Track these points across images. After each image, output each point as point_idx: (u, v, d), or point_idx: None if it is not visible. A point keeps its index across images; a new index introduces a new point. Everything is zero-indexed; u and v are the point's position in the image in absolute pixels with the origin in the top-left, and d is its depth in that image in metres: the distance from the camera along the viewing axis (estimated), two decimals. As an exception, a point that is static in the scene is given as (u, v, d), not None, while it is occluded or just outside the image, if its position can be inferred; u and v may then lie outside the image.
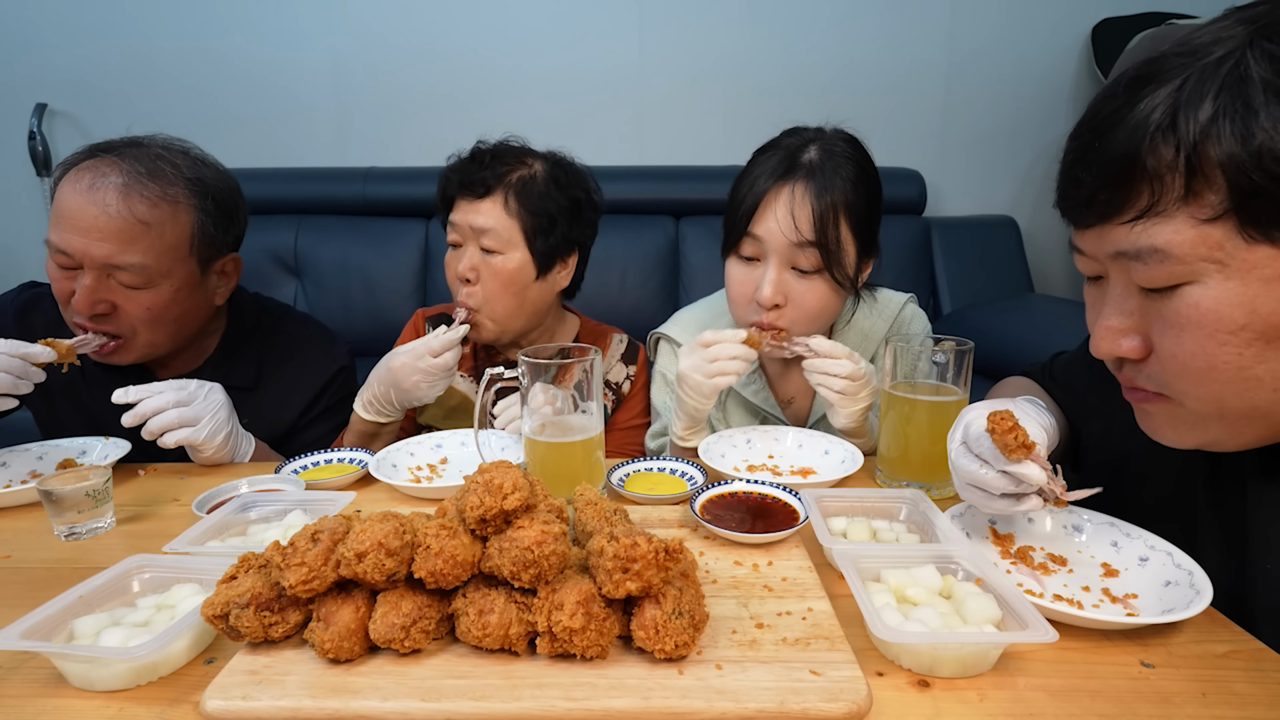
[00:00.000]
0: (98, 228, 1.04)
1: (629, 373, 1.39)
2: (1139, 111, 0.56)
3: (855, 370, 1.00)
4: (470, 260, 1.20)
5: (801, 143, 1.07)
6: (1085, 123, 0.62)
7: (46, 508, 0.84)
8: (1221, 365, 0.58)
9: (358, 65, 2.69)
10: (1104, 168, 0.59)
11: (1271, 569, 0.66)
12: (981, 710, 0.54)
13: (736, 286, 1.11)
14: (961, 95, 2.75)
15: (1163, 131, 0.54)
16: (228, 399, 1.08)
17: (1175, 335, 0.59)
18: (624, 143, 2.79)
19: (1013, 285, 2.55)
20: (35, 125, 2.61)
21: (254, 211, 1.28)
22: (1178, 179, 0.54)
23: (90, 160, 1.08)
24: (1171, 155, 0.54)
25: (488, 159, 1.20)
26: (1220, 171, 0.52)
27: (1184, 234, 0.55)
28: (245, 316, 1.31)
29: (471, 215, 1.19)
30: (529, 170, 1.21)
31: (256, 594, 0.56)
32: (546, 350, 0.86)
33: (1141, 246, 0.57)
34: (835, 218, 1.03)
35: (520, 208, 1.19)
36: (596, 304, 2.49)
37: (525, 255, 1.21)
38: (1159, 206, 0.56)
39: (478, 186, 1.18)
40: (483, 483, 0.58)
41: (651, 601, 0.56)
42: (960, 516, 0.80)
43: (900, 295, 1.29)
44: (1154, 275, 0.58)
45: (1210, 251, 0.55)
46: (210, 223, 1.15)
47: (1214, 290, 0.56)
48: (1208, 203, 0.54)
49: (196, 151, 1.18)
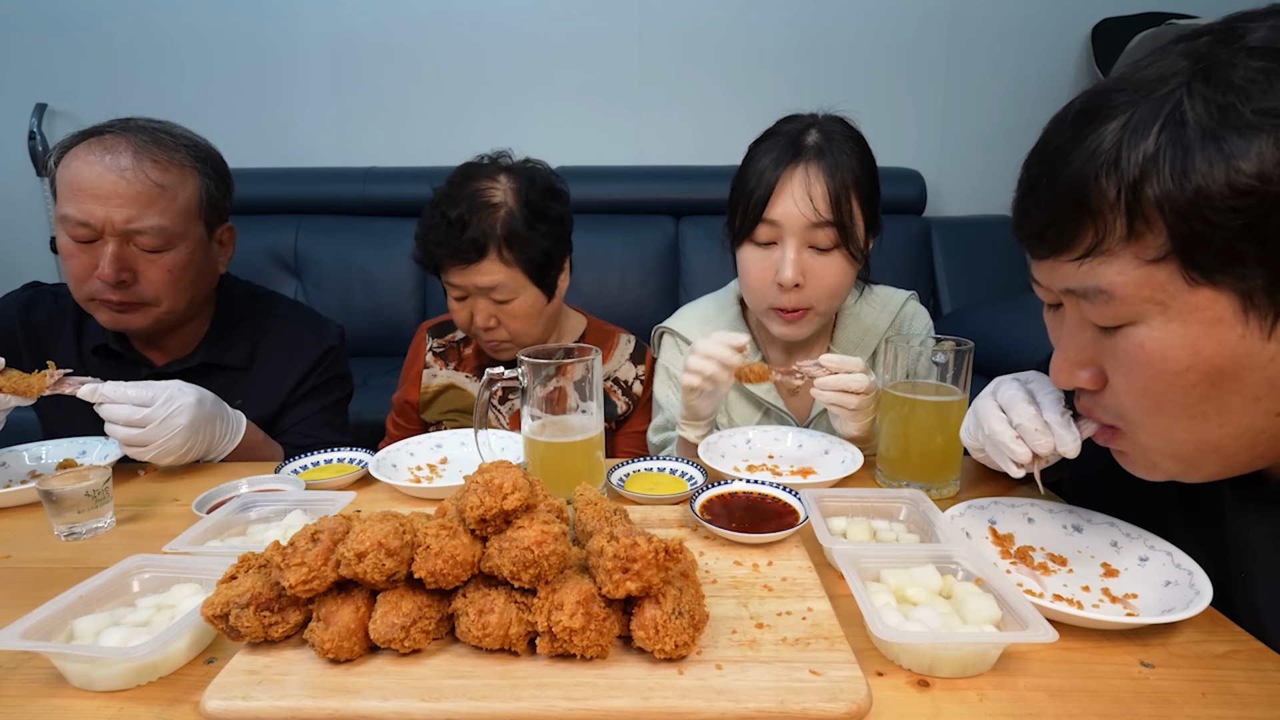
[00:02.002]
0: (118, 193, 1.08)
1: (638, 372, 1.40)
2: (1086, 147, 0.56)
3: (870, 384, 0.99)
4: (486, 312, 1.25)
5: (801, 127, 1.10)
6: (1035, 154, 0.62)
7: (46, 508, 0.84)
8: (1169, 404, 0.58)
9: (358, 65, 2.69)
10: (1051, 203, 0.59)
11: (1246, 577, 0.66)
12: (981, 710, 0.54)
13: (754, 272, 1.12)
14: (962, 95, 2.75)
15: (1107, 169, 0.54)
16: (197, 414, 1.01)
17: (1125, 373, 0.60)
18: (624, 143, 2.79)
19: (1013, 285, 2.55)
20: (35, 125, 2.61)
21: (254, 211, 1.28)
22: (1119, 220, 0.54)
23: (93, 138, 1.12)
24: (1114, 194, 0.54)
25: (467, 219, 1.19)
26: (1159, 212, 0.52)
27: (1128, 275, 0.55)
28: (235, 300, 1.32)
29: (473, 278, 1.21)
30: (506, 210, 1.20)
31: (256, 594, 0.56)
32: (548, 350, 0.86)
33: (1089, 286, 0.58)
34: (848, 194, 1.06)
35: (515, 256, 1.21)
36: (597, 304, 2.49)
37: (534, 292, 1.25)
38: (1104, 245, 0.56)
39: (469, 253, 1.19)
40: (483, 483, 0.58)
41: (651, 601, 0.56)
42: (960, 516, 0.80)
43: (902, 292, 1.30)
44: (1101, 314, 0.59)
45: (1153, 293, 0.55)
46: (213, 187, 1.20)
47: (1157, 332, 0.56)
48: (1150, 244, 0.54)
49: (179, 128, 1.22)
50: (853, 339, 1.25)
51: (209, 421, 1.05)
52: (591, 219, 2.61)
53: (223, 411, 1.09)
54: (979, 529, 0.81)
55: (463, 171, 1.26)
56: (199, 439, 1.03)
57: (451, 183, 1.25)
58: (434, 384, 1.40)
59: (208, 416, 1.04)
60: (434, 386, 1.40)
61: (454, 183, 1.25)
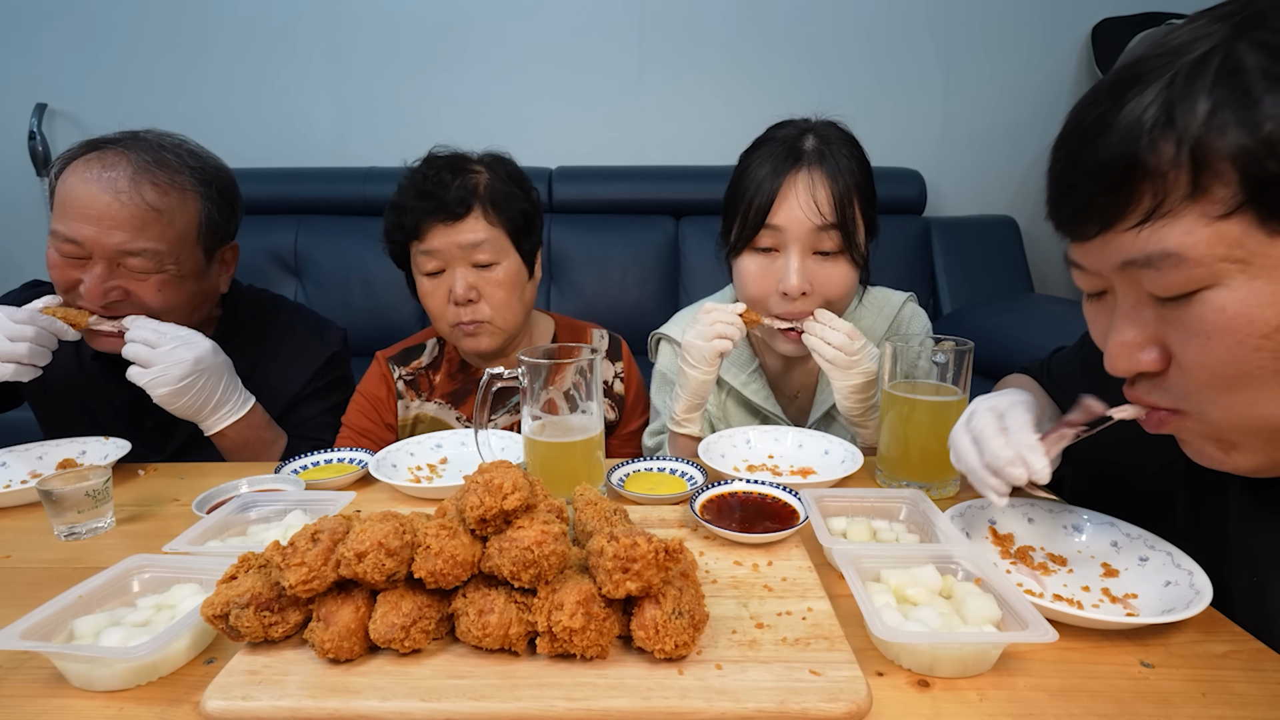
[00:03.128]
0: (110, 215, 1.06)
1: (617, 370, 1.36)
2: (1129, 112, 0.54)
3: (847, 344, 1.03)
4: (466, 280, 1.18)
5: (797, 132, 1.09)
6: (1070, 131, 0.60)
7: (46, 508, 0.84)
8: (1256, 371, 0.54)
9: (358, 65, 2.69)
10: (1099, 171, 0.56)
11: (1258, 581, 0.66)
12: (981, 710, 0.54)
13: (755, 280, 1.10)
14: (961, 95, 2.75)
15: (1160, 128, 0.52)
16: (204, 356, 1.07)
17: (1201, 343, 0.55)
18: (624, 143, 2.79)
19: (1013, 285, 2.55)
20: (35, 125, 2.61)
21: (254, 211, 1.28)
22: (1182, 175, 0.52)
23: (94, 152, 1.09)
24: (1173, 151, 0.52)
25: (449, 177, 1.17)
26: (1230, 164, 0.50)
27: (1197, 234, 0.52)
28: (239, 308, 1.32)
29: (456, 236, 1.16)
30: (485, 176, 1.20)
31: (256, 594, 0.56)
32: (547, 350, 0.86)
33: (1152, 252, 0.54)
34: (850, 197, 1.06)
35: (498, 215, 1.19)
36: (597, 304, 2.50)
37: (516, 259, 1.22)
38: (1164, 207, 0.53)
39: (455, 207, 1.15)
40: (483, 483, 0.58)
41: (651, 601, 0.56)
42: (960, 516, 0.80)
43: (900, 294, 1.30)
44: (1169, 282, 0.54)
45: (1229, 250, 0.52)
46: (215, 211, 1.17)
47: (1239, 292, 0.52)
48: (1218, 198, 0.51)
49: (192, 144, 1.20)
50: None
51: (214, 371, 1.09)
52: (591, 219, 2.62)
53: (233, 379, 1.12)
54: (979, 529, 0.81)
55: (433, 152, 1.24)
56: (199, 383, 1.07)
57: (425, 159, 1.23)
58: (410, 416, 1.32)
59: (214, 366, 1.09)
60: (410, 419, 1.32)
61: (427, 159, 1.23)
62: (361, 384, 1.35)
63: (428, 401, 1.32)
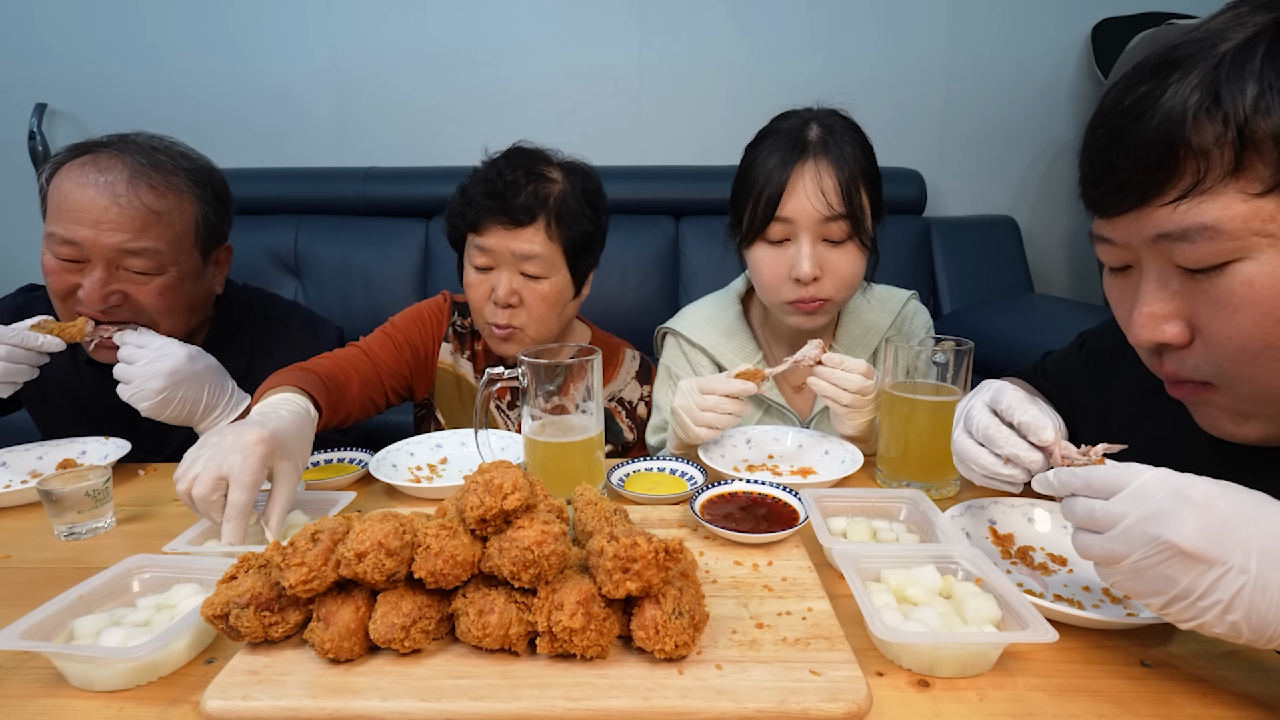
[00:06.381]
0: (108, 218, 1.05)
1: (643, 393, 1.36)
2: (1172, 94, 0.56)
3: (865, 385, 0.99)
4: (510, 285, 1.18)
5: (801, 123, 1.10)
6: (1111, 110, 0.61)
7: (46, 508, 0.84)
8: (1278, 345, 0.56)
9: (358, 65, 2.68)
10: (1142, 149, 0.58)
11: None
12: (981, 710, 0.54)
13: (769, 270, 1.12)
14: (961, 95, 2.75)
15: (1206, 109, 0.54)
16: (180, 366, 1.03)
17: (1228, 315, 0.57)
18: (624, 143, 2.79)
19: (1013, 285, 2.54)
20: (35, 125, 2.61)
21: (254, 211, 1.28)
22: (1227, 154, 0.54)
23: (86, 155, 1.08)
24: (1219, 130, 0.54)
25: (523, 182, 1.16)
26: (1274, 143, 0.52)
27: (1234, 209, 0.54)
28: (234, 308, 1.31)
29: (513, 242, 1.16)
30: (559, 188, 1.19)
31: (256, 594, 0.56)
32: (549, 351, 0.86)
33: (1189, 225, 0.56)
34: (857, 185, 1.07)
35: (561, 232, 1.17)
36: (596, 304, 2.48)
37: (566, 277, 1.21)
38: (1205, 184, 0.55)
39: (520, 214, 1.14)
40: (483, 483, 0.58)
41: (651, 601, 0.56)
42: (960, 516, 0.80)
43: (903, 291, 1.31)
44: (1202, 254, 0.56)
45: (1263, 225, 0.54)
46: (210, 212, 1.17)
47: (1268, 265, 0.54)
48: (1258, 176, 0.53)
49: (182, 146, 1.19)
50: (854, 337, 1.25)
51: (194, 380, 1.05)
52: (591, 219, 2.61)
53: (220, 381, 1.10)
54: (979, 529, 0.81)
55: (517, 147, 1.24)
56: (178, 394, 1.04)
57: (507, 154, 1.22)
58: (450, 363, 1.33)
59: (193, 375, 1.05)
60: (450, 368, 1.33)
61: (509, 154, 1.22)
62: (421, 305, 1.35)
63: (467, 361, 1.35)
